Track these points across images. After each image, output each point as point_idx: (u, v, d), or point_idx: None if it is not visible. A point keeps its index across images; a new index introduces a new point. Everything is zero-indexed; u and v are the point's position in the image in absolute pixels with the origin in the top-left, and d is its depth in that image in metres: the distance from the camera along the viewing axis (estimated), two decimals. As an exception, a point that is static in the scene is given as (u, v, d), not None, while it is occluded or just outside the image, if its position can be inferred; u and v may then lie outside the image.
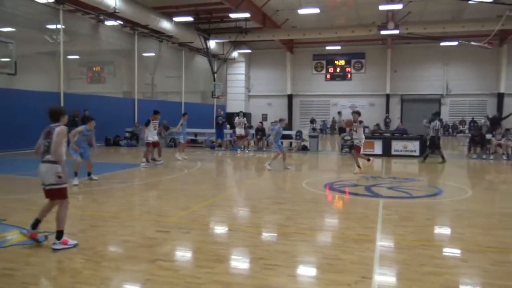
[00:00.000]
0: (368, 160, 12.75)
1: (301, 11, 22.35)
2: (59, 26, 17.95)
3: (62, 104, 18.16)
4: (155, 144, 13.23)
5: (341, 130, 24.80)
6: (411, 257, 4.73)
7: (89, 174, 9.85)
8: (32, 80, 20.60)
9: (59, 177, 4.81)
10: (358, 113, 12.43)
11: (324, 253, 4.90)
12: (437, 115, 15.24)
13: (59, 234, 4.90)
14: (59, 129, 4.88)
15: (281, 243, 5.33)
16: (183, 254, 4.99)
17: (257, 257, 4.71)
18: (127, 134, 21.37)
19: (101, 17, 19.89)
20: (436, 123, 14.59)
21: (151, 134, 13.07)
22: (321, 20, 25.51)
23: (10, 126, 15.34)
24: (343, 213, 7.30)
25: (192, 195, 8.65)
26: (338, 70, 34.70)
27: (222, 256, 4.72)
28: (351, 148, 17.43)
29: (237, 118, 19.20)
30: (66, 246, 4.85)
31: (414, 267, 4.42)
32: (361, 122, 12.55)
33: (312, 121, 34.03)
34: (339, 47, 31.84)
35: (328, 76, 34.93)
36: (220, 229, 6.18)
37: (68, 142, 6.18)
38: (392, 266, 4.50)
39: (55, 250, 4.80)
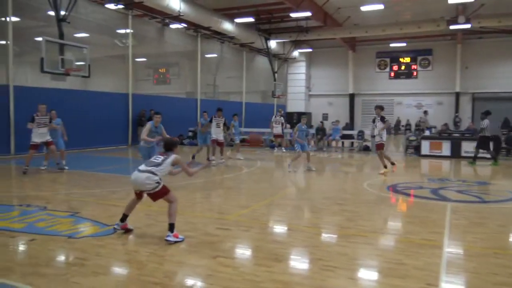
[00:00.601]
0: (393, 164, 11.66)
1: (364, 8, 21.75)
2: (128, 31, 18.93)
3: (130, 105, 19.15)
4: (219, 143, 13.43)
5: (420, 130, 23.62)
6: (481, 265, 4.44)
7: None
8: (103, 82, 21.91)
9: (157, 182, 5.23)
10: (381, 108, 11.88)
11: (386, 257, 4.73)
12: (487, 114, 14.08)
13: (171, 227, 5.18)
14: (176, 156, 5.52)
15: (341, 244, 5.23)
16: (243, 252, 5.05)
17: (316, 257, 4.66)
18: (190, 134, 22.05)
19: (167, 21, 20.67)
20: (485, 122, 13.73)
21: (214, 132, 13.28)
22: (385, 16, 24.66)
23: (84, 125, 16.40)
24: (407, 216, 7.01)
25: (252, 194, 8.74)
26: (403, 67, 33.39)
27: (281, 256, 4.72)
28: (416, 149, 16.77)
29: (273, 117, 19.01)
30: (177, 239, 5.12)
31: (484, 276, 4.15)
32: (384, 118, 11.82)
33: (374, 120, 33.03)
34: (404, 44, 30.59)
35: (392, 74, 33.73)
36: (279, 228, 6.18)
37: None
38: (460, 274, 4.26)
39: (168, 242, 5.05)
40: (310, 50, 33.38)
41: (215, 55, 26.18)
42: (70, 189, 8.75)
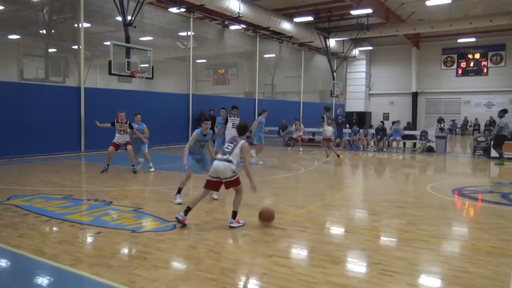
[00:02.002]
0: (338, 156, 13.74)
1: (429, 3, 20.78)
2: (189, 33, 19.51)
3: (190, 105, 19.73)
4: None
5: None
6: (559, 277, 4.08)
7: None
8: (165, 83, 22.78)
9: (234, 172, 5.78)
10: (326, 109, 14.40)
11: (450, 264, 4.49)
12: (504, 112, 13.85)
13: (234, 215, 5.83)
14: (243, 144, 5.92)
15: (401, 249, 5.03)
16: (298, 252, 5.02)
17: (374, 261, 4.52)
18: (248, 134, 22.28)
19: (226, 22, 21.06)
20: (502, 120, 13.80)
21: (230, 133, 11.49)
22: (452, 10, 23.42)
23: (147, 125, 17.11)
24: (474, 222, 6.60)
25: (308, 194, 8.66)
26: (471, 64, 31.53)
27: (337, 258, 4.64)
28: (485, 151, 15.75)
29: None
30: (239, 225, 5.80)
31: (563, 289, 3.81)
32: (329, 117, 14.27)
33: (440, 120, 31.49)
34: (473, 39, 28.83)
35: (460, 71, 31.96)
36: (336, 230, 6.08)
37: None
38: (534, 286, 3.93)
39: (231, 227, 5.73)
40: (370, 48, 32.52)
41: (273, 55, 26.28)
42: (134, 186, 9.18)
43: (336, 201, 7.97)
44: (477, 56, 31.27)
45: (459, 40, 29.33)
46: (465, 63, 31.78)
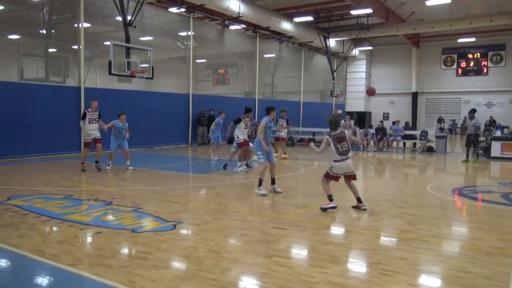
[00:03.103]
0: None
1: (429, 3, 20.75)
2: (189, 33, 19.50)
3: (190, 105, 19.73)
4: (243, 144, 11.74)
5: None
6: (559, 277, 4.08)
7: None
8: (165, 83, 22.78)
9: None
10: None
11: (450, 263, 4.49)
12: (474, 112, 14.69)
13: (360, 199, 6.87)
14: (347, 131, 6.97)
15: (401, 249, 5.03)
16: (298, 252, 5.02)
17: (374, 261, 4.52)
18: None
19: (226, 22, 21.05)
20: (477, 120, 14.47)
21: (242, 133, 11.67)
22: (452, 10, 23.40)
23: (147, 124, 17.14)
24: (474, 222, 6.60)
25: (309, 194, 8.66)
26: (471, 64, 31.51)
27: (337, 257, 4.64)
28: (485, 151, 15.76)
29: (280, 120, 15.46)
30: (329, 206, 6.76)
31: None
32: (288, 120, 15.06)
33: (440, 120, 31.48)
34: (473, 39, 28.80)
35: (460, 71, 31.94)
36: (336, 230, 6.08)
37: None
38: (534, 286, 3.93)
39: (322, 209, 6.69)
40: (370, 48, 32.52)
41: (273, 55, 26.27)
42: (134, 186, 9.18)
43: (336, 201, 7.95)
44: (477, 56, 31.25)
45: (459, 40, 29.32)
46: (465, 63, 31.77)
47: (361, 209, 6.83)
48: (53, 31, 16.32)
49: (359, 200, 6.90)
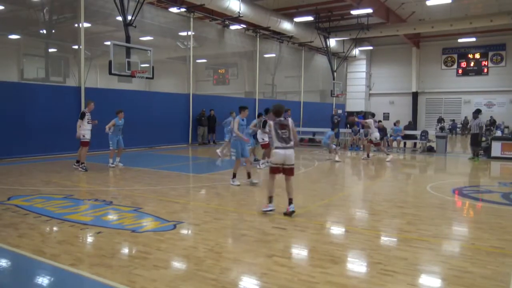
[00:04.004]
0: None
1: (429, 3, 20.75)
2: (189, 33, 19.50)
3: (190, 105, 19.73)
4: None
5: None
6: (559, 277, 4.08)
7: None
8: (166, 83, 22.79)
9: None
10: (372, 114, 14.86)
11: (450, 263, 4.49)
12: (478, 112, 15.06)
13: (291, 201, 6.45)
14: (292, 121, 6.63)
15: (401, 249, 5.03)
16: (298, 252, 5.03)
17: (374, 261, 4.52)
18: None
19: (226, 22, 21.05)
20: (480, 120, 14.81)
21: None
22: (453, 10, 23.40)
23: (147, 124, 17.15)
24: (474, 222, 6.61)
25: (309, 194, 8.66)
26: (472, 64, 31.51)
27: (337, 257, 4.64)
28: (485, 151, 15.76)
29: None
30: (267, 209, 6.50)
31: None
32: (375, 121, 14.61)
33: (440, 120, 31.48)
34: (473, 39, 28.81)
35: (460, 71, 31.95)
36: (336, 230, 6.08)
37: None
38: (534, 286, 3.93)
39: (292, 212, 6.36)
40: (371, 48, 32.53)
41: (273, 55, 26.28)
42: (134, 186, 9.18)
43: (336, 201, 7.97)
44: (478, 56, 31.26)
45: (460, 40, 29.33)
46: (465, 63, 31.77)
47: (288, 211, 6.38)
48: (53, 31, 16.34)
49: (290, 201, 6.46)
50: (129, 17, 14.67)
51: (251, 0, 20.76)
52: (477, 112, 15.06)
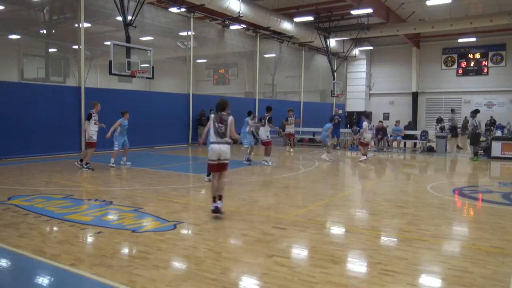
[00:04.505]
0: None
1: (429, 3, 20.73)
2: (189, 33, 19.50)
3: (190, 105, 19.74)
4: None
5: None
6: (559, 277, 4.07)
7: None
8: (166, 83, 22.78)
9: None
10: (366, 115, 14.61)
11: (450, 263, 4.49)
12: (476, 112, 15.27)
13: (220, 198, 6.39)
14: (232, 118, 6.67)
15: (401, 249, 5.03)
16: (299, 252, 5.03)
17: (375, 261, 4.52)
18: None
19: (227, 22, 21.04)
20: (476, 120, 15.03)
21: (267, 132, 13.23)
22: (453, 10, 23.38)
23: (147, 124, 17.15)
24: (475, 222, 6.61)
25: (309, 194, 8.67)
26: (472, 64, 31.46)
27: (338, 257, 4.64)
28: (485, 151, 15.76)
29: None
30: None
31: None
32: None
33: (439, 120, 31.45)
34: (473, 39, 28.77)
35: (460, 71, 31.90)
36: (336, 230, 6.08)
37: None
38: (535, 286, 3.93)
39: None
40: (371, 48, 32.50)
41: (273, 55, 26.27)
42: (134, 186, 9.18)
43: (337, 201, 7.97)
44: (478, 56, 31.20)
45: (460, 40, 29.30)
46: (465, 63, 31.73)
47: (213, 206, 6.31)
48: (53, 31, 16.33)
49: (219, 198, 6.38)
50: (129, 17, 14.67)
51: (251, 0, 20.75)
52: (475, 112, 15.27)
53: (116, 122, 11.53)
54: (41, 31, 16.33)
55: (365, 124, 14.58)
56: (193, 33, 19.60)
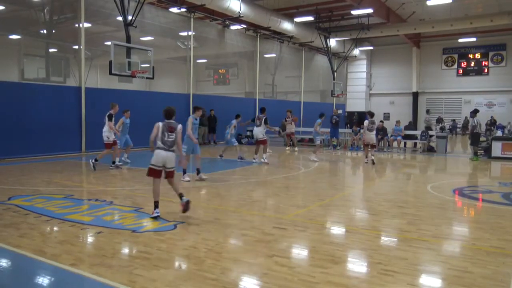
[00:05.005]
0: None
1: (430, 3, 20.74)
2: (190, 33, 19.50)
3: (191, 105, 19.73)
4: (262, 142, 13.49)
5: None
6: (559, 277, 4.07)
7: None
8: (166, 83, 22.76)
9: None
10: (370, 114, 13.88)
11: (450, 263, 4.49)
12: (475, 112, 15.32)
13: (182, 195, 6.37)
14: (181, 126, 6.66)
15: (401, 249, 5.03)
16: (299, 252, 5.03)
17: (375, 261, 4.52)
18: (248, 133, 22.29)
19: (227, 22, 21.05)
20: (475, 120, 15.11)
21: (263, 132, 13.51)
22: (453, 10, 23.38)
23: (148, 125, 17.10)
24: (475, 222, 6.61)
25: (309, 194, 8.67)
26: (472, 64, 31.48)
27: (338, 257, 4.64)
28: (486, 151, 15.76)
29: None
30: (153, 215, 6.21)
31: None
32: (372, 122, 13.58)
33: (439, 120, 31.46)
34: (474, 39, 28.78)
35: (461, 71, 31.92)
36: (336, 230, 6.08)
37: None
38: (535, 286, 3.93)
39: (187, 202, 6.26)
40: (371, 48, 32.51)
41: (273, 55, 26.27)
42: (134, 186, 9.19)
43: (337, 201, 7.97)
44: (478, 56, 31.23)
45: (460, 40, 29.31)
46: (465, 63, 31.75)
47: (183, 205, 6.23)
48: (53, 31, 16.34)
49: (181, 195, 6.35)
50: (130, 17, 14.68)
51: (252, 0, 20.75)
52: (474, 112, 15.33)
53: (119, 121, 11.66)
54: (42, 31, 16.34)
55: (365, 122, 13.84)
56: (193, 33, 19.60)
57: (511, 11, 22.01)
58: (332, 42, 27.74)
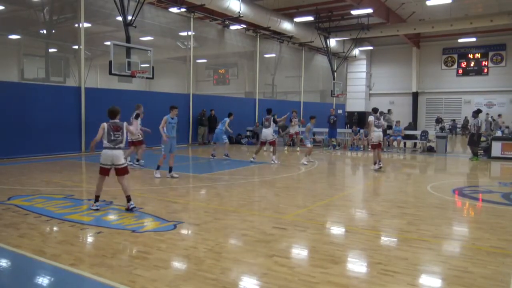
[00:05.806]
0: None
1: (429, 3, 20.73)
2: (189, 33, 19.50)
3: (190, 105, 19.74)
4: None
5: None
6: (559, 277, 4.07)
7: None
8: (166, 83, 22.75)
9: (125, 158, 6.74)
10: (374, 111, 13.19)
11: (450, 263, 4.49)
12: (478, 112, 15.27)
13: (129, 198, 6.63)
14: (126, 124, 6.74)
15: (401, 249, 5.03)
16: (299, 252, 5.02)
17: (375, 261, 4.52)
18: (248, 133, 22.30)
19: (227, 22, 21.05)
20: (478, 120, 15.02)
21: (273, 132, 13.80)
22: (453, 10, 23.38)
23: (148, 125, 17.09)
24: (475, 222, 6.60)
25: (309, 194, 8.67)
26: (472, 64, 31.49)
27: (338, 257, 4.64)
28: (485, 151, 15.76)
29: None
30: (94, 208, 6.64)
31: None
32: (377, 118, 12.81)
33: (438, 120, 31.46)
34: (474, 39, 28.79)
35: (460, 71, 31.92)
36: (336, 230, 6.08)
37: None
38: (535, 286, 3.93)
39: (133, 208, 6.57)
40: (371, 48, 32.51)
41: (273, 55, 26.27)
42: (134, 186, 9.18)
43: (336, 201, 7.97)
44: (478, 56, 31.23)
45: (460, 40, 29.31)
46: (465, 63, 31.75)
47: (129, 208, 6.57)
48: (53, 31, 16.33)
49: (128, 199, 6.63)
50: (129, 17, 14.67)
51: (251, 0, 20.75)
52: (477, 112, 15.26)
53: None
54: (41, 31, 16.33)
55: (370, 118, 12.52)
56: (193, 33, 19.59)
57: (511, 11, 22.01)
58: (332, 42, 27.74)
